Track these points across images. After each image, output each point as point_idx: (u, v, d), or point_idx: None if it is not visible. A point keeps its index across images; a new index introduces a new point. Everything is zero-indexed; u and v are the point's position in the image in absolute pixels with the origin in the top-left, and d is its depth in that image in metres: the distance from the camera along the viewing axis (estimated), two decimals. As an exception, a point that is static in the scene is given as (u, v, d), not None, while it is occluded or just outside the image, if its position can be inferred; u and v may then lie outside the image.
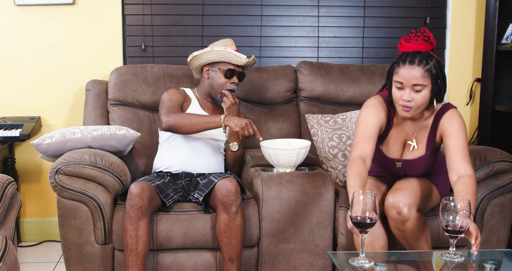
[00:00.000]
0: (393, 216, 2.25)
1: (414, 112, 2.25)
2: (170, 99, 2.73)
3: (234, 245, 2.41)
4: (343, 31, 3.46)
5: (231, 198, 2.38)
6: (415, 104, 2.21)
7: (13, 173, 3.26)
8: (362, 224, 1.85)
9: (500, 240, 2.65)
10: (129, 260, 2.33)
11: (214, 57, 2.78)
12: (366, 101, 2.40)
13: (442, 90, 2.24)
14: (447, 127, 2.27)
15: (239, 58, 2.76)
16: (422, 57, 2.18)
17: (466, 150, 2.23)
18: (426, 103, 2.24)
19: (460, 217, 1.89)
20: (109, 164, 2.50)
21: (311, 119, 3.05)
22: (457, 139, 2.24)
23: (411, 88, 2.20)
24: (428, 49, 2.22)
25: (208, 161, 2.77)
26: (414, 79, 2.18)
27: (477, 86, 3.50)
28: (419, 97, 2.20)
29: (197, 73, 2.92)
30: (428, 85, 2.19)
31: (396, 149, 2.40)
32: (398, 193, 2.28)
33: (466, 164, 2.20)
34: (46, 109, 3.33)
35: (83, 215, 2.45)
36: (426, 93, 2.20)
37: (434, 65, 2.19)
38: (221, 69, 2.78)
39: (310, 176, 2.55)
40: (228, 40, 2.85)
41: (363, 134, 2.29)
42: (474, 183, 2.15)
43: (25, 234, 3.41)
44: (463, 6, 3.46)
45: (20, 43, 3.29)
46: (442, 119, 2.30)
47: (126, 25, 3.33)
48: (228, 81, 2.78)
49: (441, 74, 2.22)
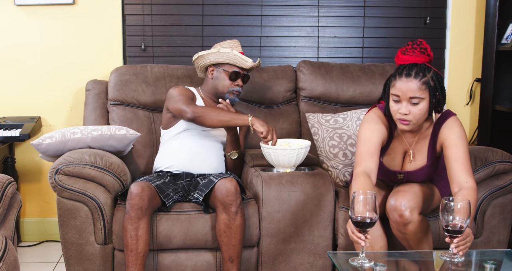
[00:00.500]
0: (395, 218, 2.24)
1: (413, 125, 2.21)
2: (182, 94, 2.72)
3: (234, 245, 2.41)
4: (343, 31, 3.46)
5: (231, 198, 2.38)
6: (413, 117, 2.18)
7: (13, 173, 3.26)
8: (362, 223, 1.86)
9: (500, 240, 2.65)
10: (129, 260, 2.33)
11: (220, 58, 2.77)
12: (365, 116, 2.37)
13: (441, 102, 2.21)
14: (447, 138, 2.23)
15: (245, 61, 2.76)
16: (418, 70, 2.15)
17: (468, 161, 2.19)
18: (424, 116, 2.20)
19: (459, 216, 1.87)
20: (109, 164, 2.50)
21: (312, 118, 3.05)
22: (458, 149, 2.19)
23: (408, 101, 2.16)
24: (425, 61, 2.19)
25: (209, 161, 2.77)
26: (411, 92, 2.14)
27: (477, 86, 3.50)
28: (416, 110, 2.17)
29: (201, 72, 2.92)
30: (426, 98, 2.16)
31: (397, 161, 2.39)
32: (400, 195, 2.26)
33: (467, 176, 2.15)
34: (46, 109, 3.33)
35: (83, 215, 2.45)
36: (423, 106, 2.17)
37: (432, 77, 2.16)
38: (226, 71, 2.78)
39: (310, 176, 2.55)
40: (235, 41, 2.84)
41: (366, 150, 2.25)
42: (474, 195, 2.10)
43: (25, 234, 3.41)
44: (463, 6, 3.46)
45: (20, 43, 3.29)
46: (442, 128, 2.27)
47: (126, 25, 3.33)
48: (232, 84, 2.78)
49: (439, 86, 2.18)
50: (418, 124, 2.22)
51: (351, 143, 2.88)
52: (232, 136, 2.73)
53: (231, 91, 2.78)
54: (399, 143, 2.37)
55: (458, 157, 2.18)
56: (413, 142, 2.35)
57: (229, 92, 2.78)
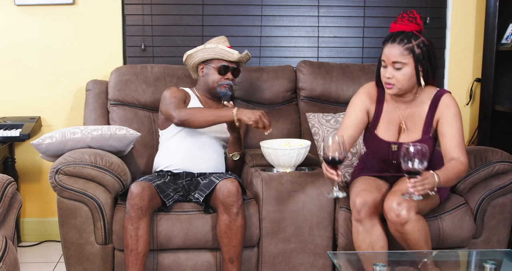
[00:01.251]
0: (392, 218, 2.25)
1: (397, 89, 2.32)
2: (174, 96, 2.73)
3: (234, 246, 2.40)
4: (343, 31, 3.46)
5: (232, 199, 2.37)
6: (396, 81, 2.29)
7: (13, 173, 3.26)
8: (332, 161, 2.14)
9: (500, 240, 2.65)
10: (129, 260, 2.33)
11: (207, 54, 2.81)
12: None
13: (430, 71, 2.31)
14: (443, 114, 2.34)
15: (231, 54, 2.78)
16: (404, 37, 2.28)
17: (461, 138, 2.32)
18: (409, 82, 2.30)
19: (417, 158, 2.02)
20: (109, 164, 2.50)
21: (312, 118, 3.04)
22: (453, 127, 2.32)
23: (392, 65, 2.29)
24: (413, 30, 2.31)
25: (209, 160, 2.77)
26: (394, 56, 2.27)
27: (477, 86, 3.50)
28: (399, 75, 2.28)
29: (194, 72, 2.95)
30: (409, 64, 2.27)
31: (391, 132, 2.44)
32: (397, 195, 2.26)
33: (460, 152, 2.28)
34: (46, 109, 3.33)
35: (83, 215, 2.45)
36: (407, 71, 2.27)
37: (418, 44, 2.27)
38: (215, 67, 2.80)
39: (310, 176, 2.55)
40: (222, 37, 2.87)
41: (344, 123, 2.45)
42: (460, 167, 2.24)
43: (25, 234, 3.41)
44: (463, 6, 3.46)
45: (20, 43, 3.29)
46: (439, 105, 2.36)
47: (126, 25, 3.33)
48: (222, 78, 2.80)
49: (427, 55, 2.28)
50: (403, 89, 2.32)
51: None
52: (235, 137, 2.73)
53: (220, 84, 2.78)
54: (391, 113, 2.43)
55: (453, 135, 2.31)
56: (407, 113, 2.41)
57: (219, 86, 2.78)
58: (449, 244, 2.54)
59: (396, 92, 2.34)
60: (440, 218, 2.51)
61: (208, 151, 2.78)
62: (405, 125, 2.41)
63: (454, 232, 2.51)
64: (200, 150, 2.76)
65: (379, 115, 2.44)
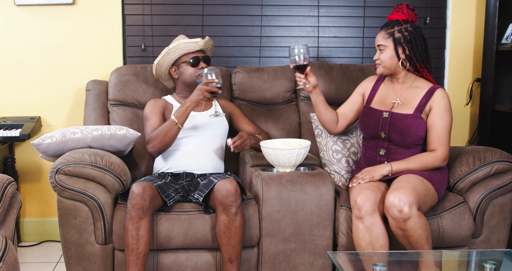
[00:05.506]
0: (394, 215, 2.26)
1: (382, 69, 2.61)
2: (151, 111, 2.78)
3: (234, 246, 2.41)
4: (343, 31, 3.46)
5: (231, 199, 2.37)
6: (381, 61, 2.59)
7: (13, 173, 3.26)
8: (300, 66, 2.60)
9: (500, 240, 2.65)
10: (130, 260, 2.33)
11: (173, 54, 2.81)
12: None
13: (413, 56, 2.54)
14: (436, 104, 2.54)
15: (195, 43, 2.80)
16: (389, 23, 2.59)
17: (447, 132, 2.52)
18: (390, 62, 2.57)
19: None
20: (109, 163, 2.50)
21: (316, 119, 3.03)
22: (442, 120, 2.52)
23: (378, 48, 2.61)
24: (400, 18, 2.58)
25: (208, 161, 2.77)
26: (377, 40, 2.61)
27: (477, 87, 3.50)
28: (382, 56, 2.58)
29: (167, 80, 2.95)
30: (389, 46, 2.56)
31: (384, 106, 2.63)
32: (398, 191, 2.29)
33: (438, 145, 2.50)
34: (46, 109, 3.33)
35: (83, 215, 2.46)
36: (388, 53, 2.57)
37: (400, 30, 2.55)
38: (186, 61, 2.81)
39: (310, 176, 2.55)
40: (179, 36, 2.91)
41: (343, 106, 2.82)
42: (429, 159, 2.50)
43: (25, 234, 3.41)
44: (463, 6, 3.46)
45: (20, 43, 3.29)
46: (434, 95, 2.55)
47: (126, 25, 3.33)
48: (196, 69, 2.80)
49: (408, 39, 2.53)
50: (387, 68, 2.60)
51: (354, 151, 2.86)
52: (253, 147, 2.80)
53: (198, 74, 2.77)
54: (387, 91, 2.66)
55: (439, 128, 2.51)
56: (402, 94, 2.61)
57: (197, 76, 2.77)
58: (449, 242, 2.54)
59: (382, 72, 2.63)
60: (439, 216, 2.52)
61: (206, 151, 2.78)
62: (399, 101, 2.60)
63: (453, 230, 2.52)
64: (198, 151, 2.77)
65: (375, 92, 2.69)
